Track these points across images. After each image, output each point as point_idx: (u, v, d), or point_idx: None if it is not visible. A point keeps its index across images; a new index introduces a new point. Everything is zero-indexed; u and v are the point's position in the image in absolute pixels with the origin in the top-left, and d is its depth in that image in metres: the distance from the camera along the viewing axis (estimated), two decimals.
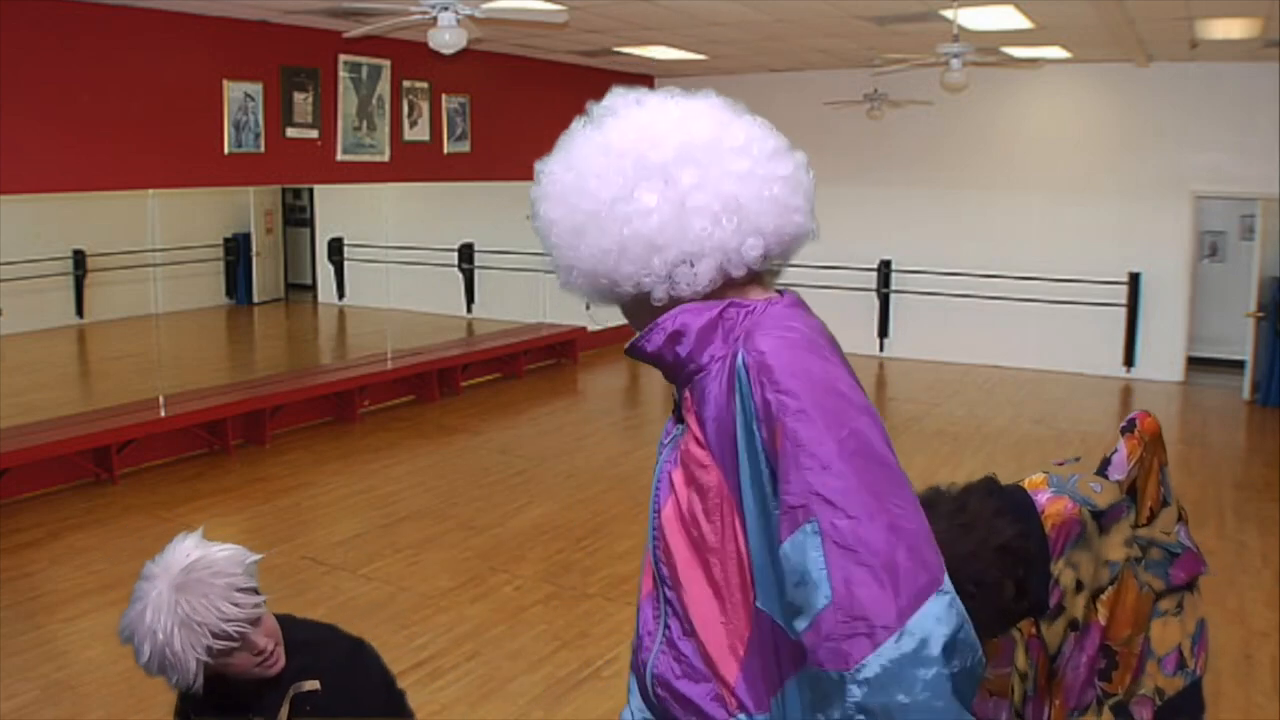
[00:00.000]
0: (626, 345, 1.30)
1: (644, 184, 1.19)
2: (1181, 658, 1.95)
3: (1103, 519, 1.99)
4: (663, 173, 1.19)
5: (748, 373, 1.15)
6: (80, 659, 3.98)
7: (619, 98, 1.27)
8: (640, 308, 1.27)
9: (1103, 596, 1.95)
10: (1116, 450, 2.04)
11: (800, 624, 1.09)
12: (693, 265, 1.20)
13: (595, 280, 1.24)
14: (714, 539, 1.21)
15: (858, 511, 1.08)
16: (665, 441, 1.33)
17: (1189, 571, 1.96)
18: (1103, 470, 2.04)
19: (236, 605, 1.75)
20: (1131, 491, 2.00)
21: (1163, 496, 2.00)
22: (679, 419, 1.31)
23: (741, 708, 1.21)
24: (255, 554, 1.86)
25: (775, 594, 1.17)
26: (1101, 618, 1.95)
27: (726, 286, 1.24)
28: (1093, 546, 1.97)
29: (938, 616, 1.05)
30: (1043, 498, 2.01)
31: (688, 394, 1.25)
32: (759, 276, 1.27)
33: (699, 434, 1.22)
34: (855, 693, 1.05)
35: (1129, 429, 2.05)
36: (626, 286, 1.23)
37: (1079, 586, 1.96)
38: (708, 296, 1.24)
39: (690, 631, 1.25)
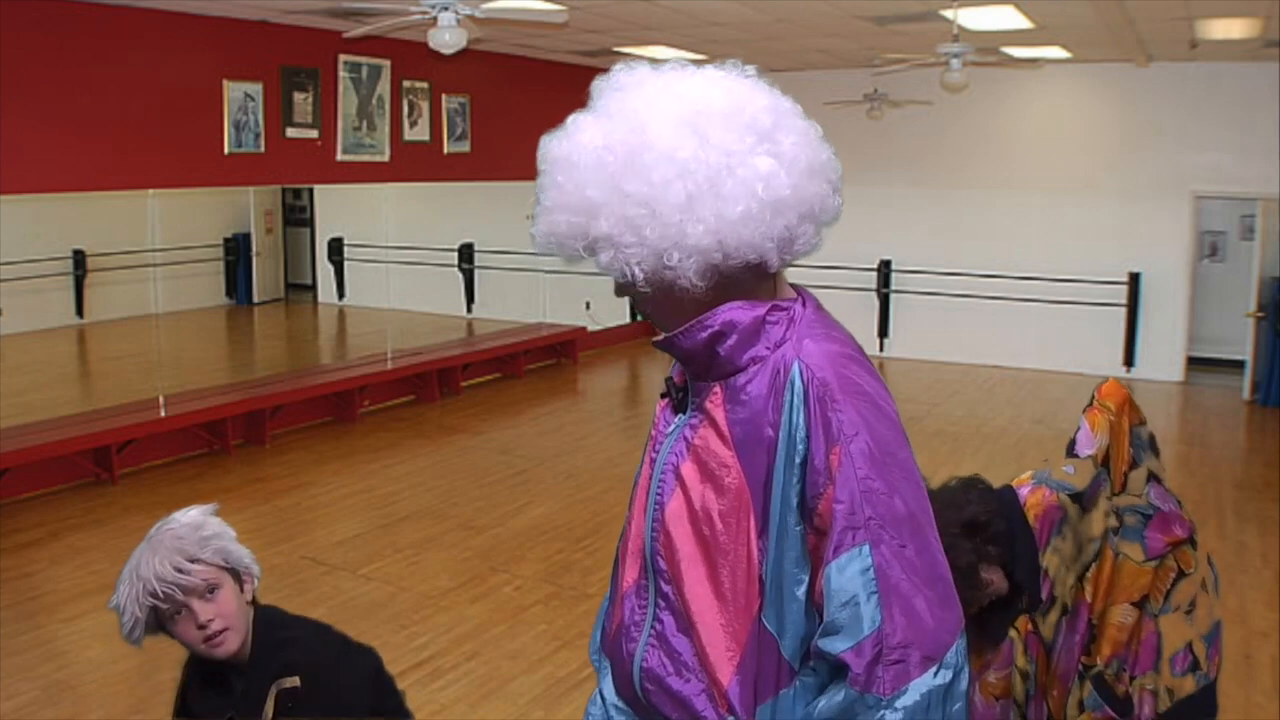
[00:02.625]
0: (658, 338, 1.26)
1: (758, 148, 1.14)
2: (1193, 659, 1.94)
3: (1084, 500, 2.00)
4: (769, 137, 1.15)
5: (807, 388, 1.14)
6: (80, 659, 3.98)
7: (638, 69, 1.20)
8: (689, 295, 1.19)
9: (1088, 575, 1.96)
10: (1080, 428, 2.06)
11: (840, 644, 1.09)
12: (806, 225, 1.18)
13: (707, 256, 1.14)
14: (726, 541, 1.19)
15: (910, 542, 1.10)
16: (667, 432, 1.29)
17: (1166, 533, 1.94)
18: (1071, 451, 2.06)
19: (179, 570, 1.83)
20: (1107, 463, 2.00)
21: (1132, 458, 2.00)
22: (684, 409, 1.28)
23: (731, 711, 1.20)
24: (220, 526, 1.92)
25: (778, 609, 1.16)
26: (1088, 595, 1.96)
27: (762, 277, 1.23)
28: (1076, 529, 1.98)
29: (964, 651, 1.11)
30: (1024, 491, 2.03)
31: (718, 390, 1.22)
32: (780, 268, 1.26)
33: (726, 432, 1.20)
34: (888, 718, 1.07)
35: (1089, 404, 2.06)
36: (746, 255, 1.15)
37: (1066, 571, 1.97)
38: (733, 285, 1.21)
39: (686, 629, 1.23)
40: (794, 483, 1.14)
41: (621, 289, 1.23)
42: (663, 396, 1.34)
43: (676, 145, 1.12)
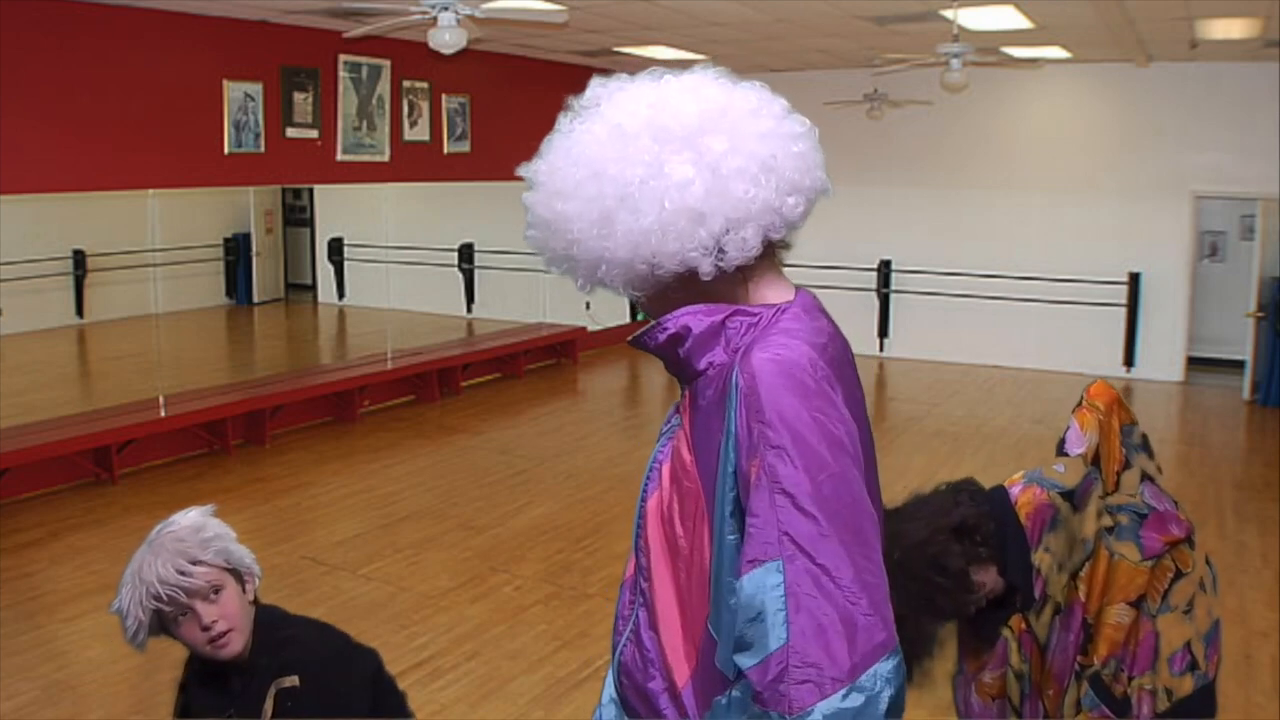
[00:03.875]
0: (631, 336, 1.27)
1: (674, 157, 1.14)
2: (1191, 658, 1.94)
3: (1075, 498, 2.00)
4: (690, 143, 1.14)
5: (738, 394, 1.12)
6: (80, 659, 3.98)
7: (603, 86, 1.23)
8: (672, 294, 1.21)
9: (1081, 574, 1.96)
10: (1069, 427, 2.05)
11: (747, 660, 1.07)
12: (740, 232, 1.15)
13: (632, 268, 1.17)
14: (685, 545, 1.20)
15: (825, 559, 1.06)
16: (664, 430, 1.31)
17: (1163, 533, 1.94)
18: (1061, 450, 2.06)
19: (181, 573, 1.83)
20: (1097, 461, 2.00)
21: (1125, 458, 1.99)
22: (678, 412, 1.30)
23: (684, 714, 1.21)
24: (220, 528, 1.93)
25: (717, 617, 1.16)
26: (1082, 594, 1.96)
27: (747, 277, 1.22)
28: (1068, 527, 1.98)
29: (886, 677, 1.05)
30: (1015, 490, 2.03)
31: (687, 393, 1.23)
32: (774, 261, 1.25)
33: (689, 436, 1.21)
34: None
35: (1078, 404, 2.06)
36: (670, 266, 1.16)
37: (1059, 569, 1.97)
38: (722, 287, 1.20)
39: (655, 625, 1.24)
40: (728, 492, 1.13)
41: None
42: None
43: (604, 159, 1.15)
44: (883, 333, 10.48)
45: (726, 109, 1.17)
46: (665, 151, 1.14)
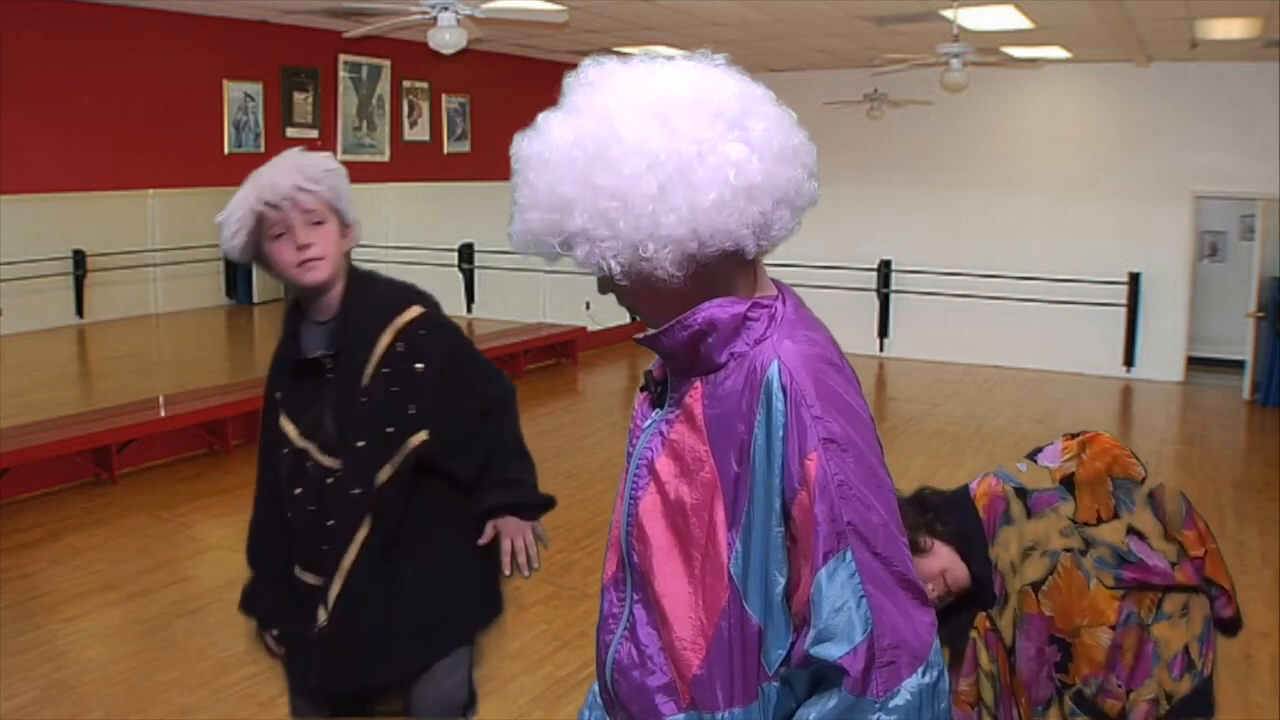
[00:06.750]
0: (640, 336, 1.26)
1: (727, 134, 1.12)
2: (1188, 660, 1.94)
3: (1028, 499, 1.99)
4: (739, 123, 1.14)
5: (785, 390, 1.14)
6: (80, 659, 3.98)
7: (605, 64, 1.19)
8: (675, 292, 1.19)
9: (1044, 588, 1.95)
10: (1052, 444, 2.07)
11: (836, 650, 1.11)
12: (780, 211, 1.16)
13: (683, 245, 1.13)
14: (700, 533, 1.20)
15: (888, 549, 1.13)
16: (644, 426, 1.30)
17: (1142, 578, 1.95)
18: (1032, 456, 2.07)
19: (296, 187, 1.99)
20: (1070, 487, 2.00)
21: (1114, 509, 1.99)
22: (662, 404, 1.28)
23: (693, 705, 1.21)
24: (342, 172, 2.10)
25: (763, 601, 1.17)
26: (1046, 609, 1.94)
27: (741, 267, 1.21)
28: (1019, 525, 1.98)
29: (940, 651, 1.14)
30: (974, 484, 2.04)
31: (698, 384, 1.22)
32: (757, 256, 1.24)
33: (703, 426, 1.21)
34: (883, 719, 1.10)
35: (1075, 435, 2.06)
36: (722, 244, 1.14)
37: (1013, 571, 1.96)
38: (713, 276, 1.20)
39: (655, 622, 1.24)
40: (775, 485, 1.15)
41: (603, 284, 1.24)
42: (642, 389, 1.35)
43: (646, 136, 1.11)
44: (883, 333, 10.48)
45: (755, 94, 1.18)
46: (721, 129, 1.12)
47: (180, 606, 4.45)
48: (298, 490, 2.12)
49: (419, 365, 2.11)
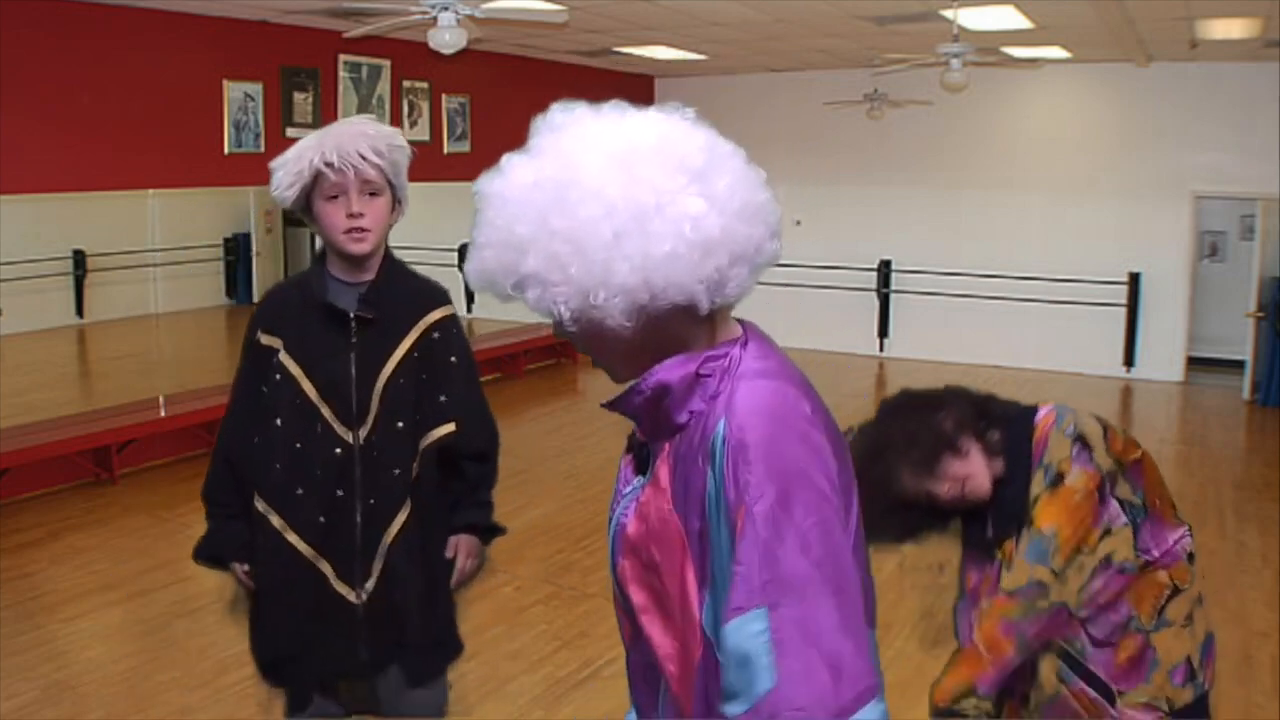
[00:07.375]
0: (606, 401, 1.25)
1: (689, 188, 1.11)
2: (1191, 669, 1.94)
3: (1083, 442, 1.94)
4: (701, 177, 1.12)
5: (724, 444, 1.12)
6: (80, 659, 3.98)
7: (574, 109, 1.19)
8: (627, 341, 1.17)
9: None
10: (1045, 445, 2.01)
11: (736, 708, 1.07)
12: (737, 268, 1.14)
13: (634, 295, 1.11)
14: (675, 592, 1.19)
15: (809, 606, 1.07)
16: (625, 492, 1.29)
17: (1157, 532, 1.93)
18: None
19: (361, 153, 2.01)
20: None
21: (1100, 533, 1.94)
22: (643, 471, 1.27)
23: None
24: (408, 150, 2.18)
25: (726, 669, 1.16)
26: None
27: (695, 319, 1.18)
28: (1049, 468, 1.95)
29: (876, 706, 1.06)
30: (1043, 411, 2.02)
31: (666, 446, 1.21)
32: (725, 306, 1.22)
33: (666, 487, 1.20)
34: None
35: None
36: (674, 297, 1.12)
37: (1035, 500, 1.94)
38: (691, 328, 1.18)
39: (657, 674, 1.25)
40: (725, 540, 1.12)
41: (556, 329, 1.22)
42: (626, 452, 1.33)
43: (605, 182, 1.10)
44: (883, 333, 10.48)
45: (718, 148, 1.17)
46: (682, 181, 1.11)
47: (180, 606, 4.45)
48: (298, 445, 2.15)
49: (453, 359, 2.24)
